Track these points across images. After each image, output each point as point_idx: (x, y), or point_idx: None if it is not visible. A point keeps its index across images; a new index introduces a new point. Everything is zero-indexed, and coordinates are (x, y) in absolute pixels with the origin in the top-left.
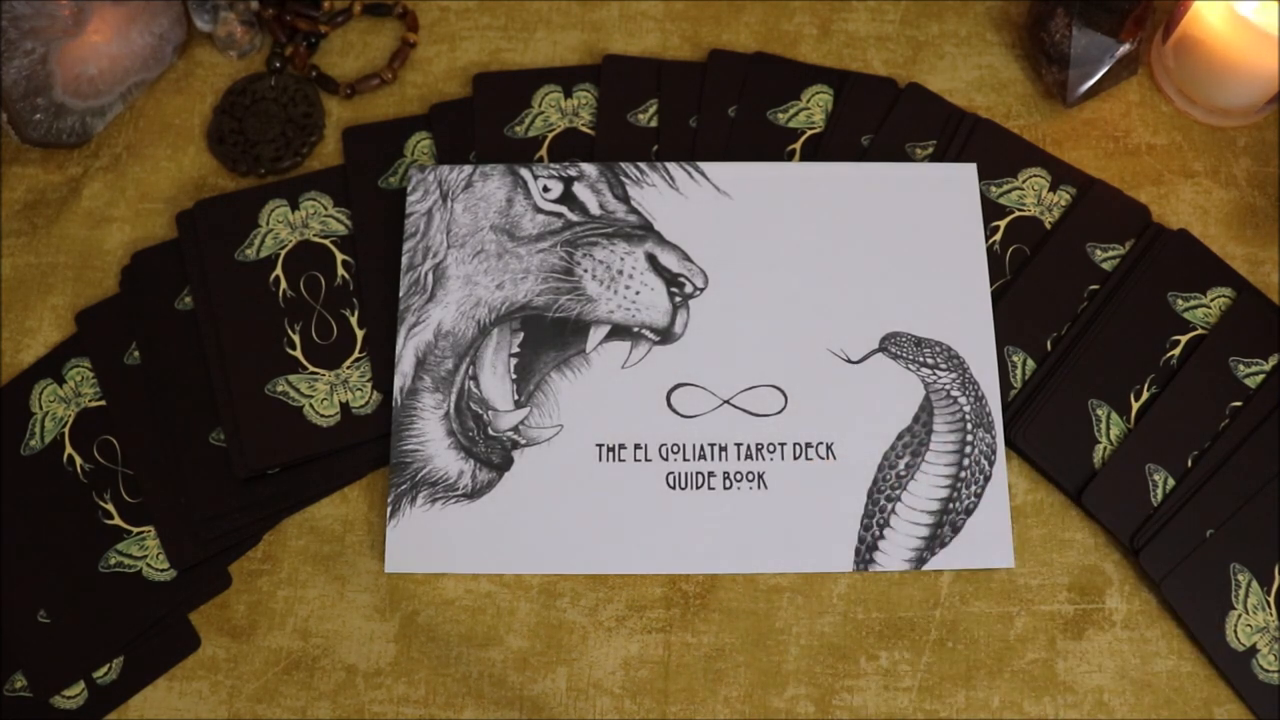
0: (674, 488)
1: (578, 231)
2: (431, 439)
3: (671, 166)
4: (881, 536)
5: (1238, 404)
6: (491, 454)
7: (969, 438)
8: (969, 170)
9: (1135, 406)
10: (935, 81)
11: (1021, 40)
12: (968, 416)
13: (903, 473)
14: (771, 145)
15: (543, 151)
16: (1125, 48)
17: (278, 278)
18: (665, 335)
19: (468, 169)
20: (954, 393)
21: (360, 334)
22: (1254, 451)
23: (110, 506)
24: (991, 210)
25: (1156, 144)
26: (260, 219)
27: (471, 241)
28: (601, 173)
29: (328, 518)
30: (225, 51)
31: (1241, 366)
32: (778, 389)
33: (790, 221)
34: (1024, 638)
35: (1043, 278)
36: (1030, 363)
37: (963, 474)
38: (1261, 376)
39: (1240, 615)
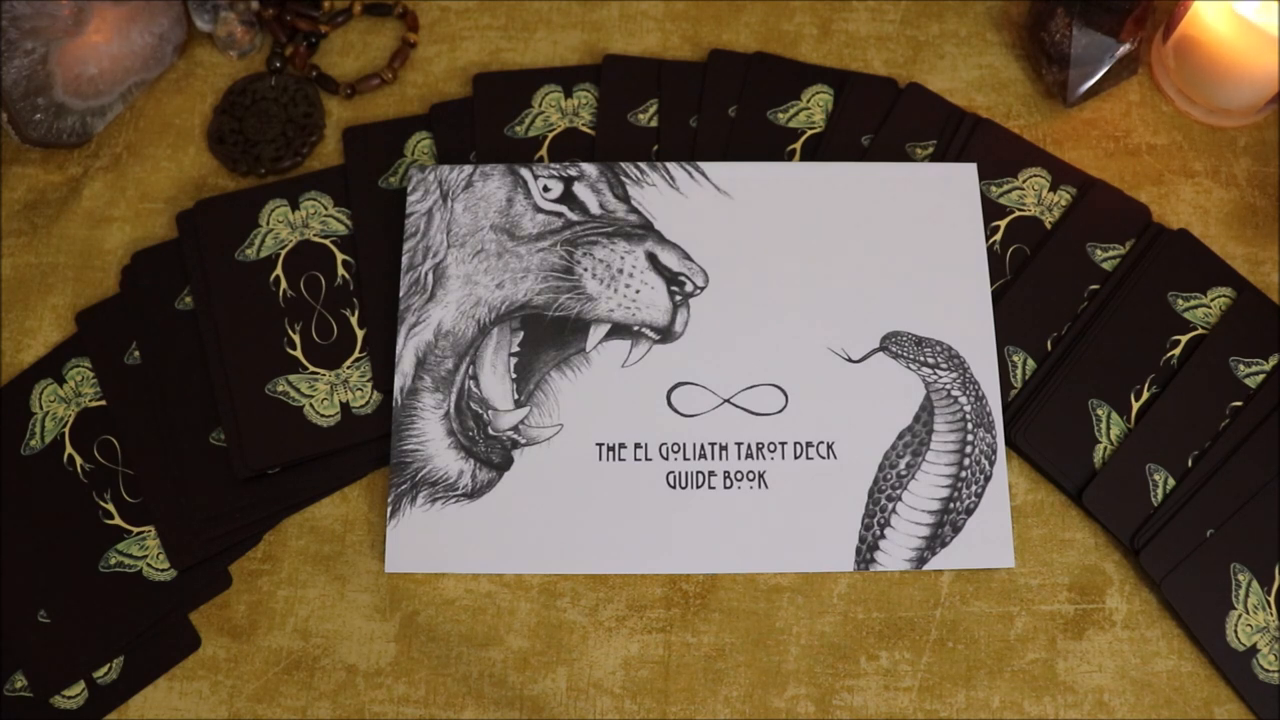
0: (674, 487)
1: (578, 231)
2: (431, 439)
3: (671, 166)
4: (882, 536)
5: (1238, 404)
6: (491, 454)
7: (969, 437)
8: (969, 170)
9: (1135, 406)
10: (935, 81)
11: (1022, 40)
12: (968, 416)
13: (903, 472)
14: (771, 145)
15: (543, 151)
16: (1125, 48)
17: (278, 277)
18: (665, 334)
19: (468, 169)
20: (954, 392)
21: (360, 334)
22: (1254, 451)
23: (110, 506)
24: (991, 210)
25: (1157, 144)
26: (260, 219)
27: (471, 241)
28: (601, 172)
29: (328, 518)
30: (225, 51)
31: (1241, 366)
32: (778, 388)
33: (790, 221)
34: (1024, 638)
35: (1043, 278)
36: (1030, 363)
37: (963, 474)
38: (1261, 376)
39: (1240, 615)
